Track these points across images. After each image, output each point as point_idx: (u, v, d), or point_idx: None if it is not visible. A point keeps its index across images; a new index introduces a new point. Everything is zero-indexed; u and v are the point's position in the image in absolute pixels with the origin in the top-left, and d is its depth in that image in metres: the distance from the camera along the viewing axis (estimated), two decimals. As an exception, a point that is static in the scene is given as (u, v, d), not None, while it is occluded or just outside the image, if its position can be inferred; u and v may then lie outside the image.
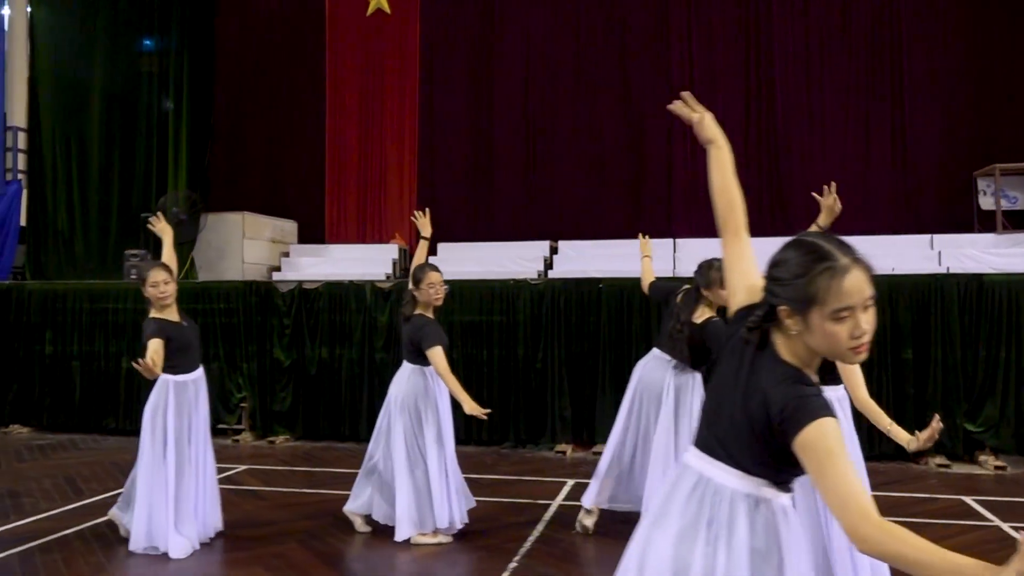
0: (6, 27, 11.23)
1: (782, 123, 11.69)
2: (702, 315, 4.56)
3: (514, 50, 12.66)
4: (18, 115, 11.35)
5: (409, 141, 13.07)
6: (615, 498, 4.89)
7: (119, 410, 8.28)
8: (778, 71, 11.70)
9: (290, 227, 12.94)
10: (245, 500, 5.20)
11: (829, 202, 3.94)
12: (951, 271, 8.86)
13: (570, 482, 6.23)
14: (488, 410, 4.47)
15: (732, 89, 11.83)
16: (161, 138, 11.89)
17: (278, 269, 12.14)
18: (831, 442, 1.61)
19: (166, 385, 4.72)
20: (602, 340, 7.37)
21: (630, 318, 7.34)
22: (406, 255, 12.44)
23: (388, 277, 11.05)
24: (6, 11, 11.23)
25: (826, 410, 1.66)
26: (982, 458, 6.67)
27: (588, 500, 4.90)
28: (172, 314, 4.71)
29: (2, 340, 8.51)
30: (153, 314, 4.72)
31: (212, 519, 4.82)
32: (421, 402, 4.80)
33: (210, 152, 12.37)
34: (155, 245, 11.25)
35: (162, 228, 5.16)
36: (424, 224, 5.35)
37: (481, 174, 12.73)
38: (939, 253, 9.96)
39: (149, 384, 7.03)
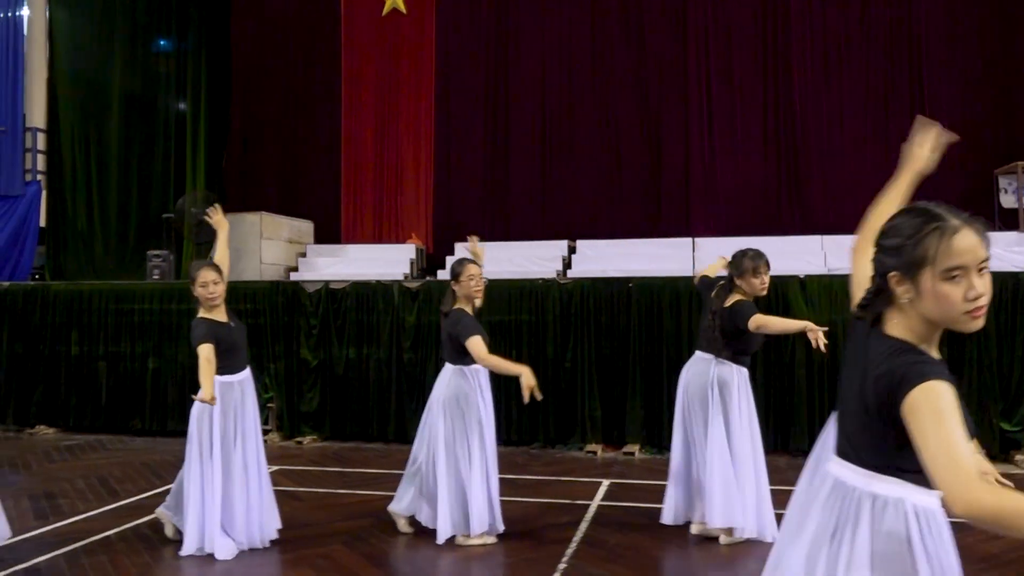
0: (25, 29, 11.19)
1: (800, 121, 11.65)
2: (732, 303, 4.61)
3: (530, 50, 12.65)
4: (37, 116, 11.33)
5: (425, 141, 13.06)
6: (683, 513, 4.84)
7: (145, 411, 8.26)
8: (796, 69, 11.67)
9: (306, 227, 12.92)
10: (282, 501, 5.16)
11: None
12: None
13: (605, 482, 6.20)
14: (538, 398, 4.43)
15: (750, 87, 11.79)
16: (179, 139, 11.92)
17: (295, 269, 12.12)
18: (942, 403, 1.53)
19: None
20: (632, 339, 7.34)
21: (660, 317, 7.31)
22: (423, 255, 12.46)
23: (406, 277, 11.04)
24: (25, 12, 11.21)
25: (938, 374, 1.59)
26: (1018, 457, 6.64)
27: (665, 519, 4.88)
28: (220, 314, 4.69)
29: (28, 341, 8.50)
30: (202, 314, 4.70)
31: (268, 524, 4.75)
32: (463, 404, 4.77)
33: (227, 152, 12.37)
34: (177, 246, 11.32)
35: (219, 221, 5.04)
36: (478, 254, 5.16)
37: (497, 173, 12.70)
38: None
39: (184, 384, 7.05)
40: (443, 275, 10.68)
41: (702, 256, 10.85)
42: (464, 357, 4.73)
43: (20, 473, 6.62)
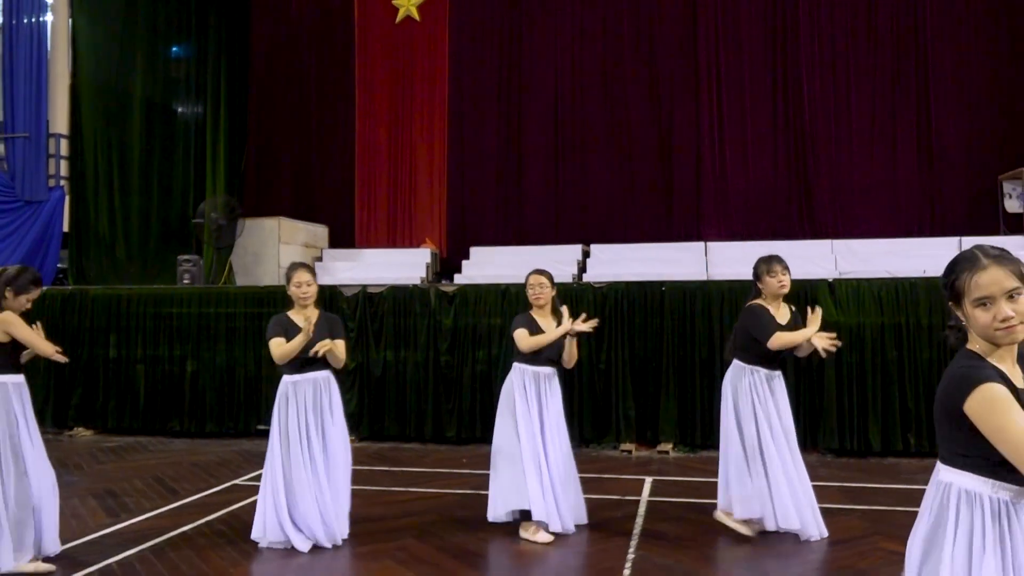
0: (48, 36, 11.33)
1: (809, 128, 11.96)
2: (749, 303, 4.95)
3: (542, 57, 12.90)
4: (60, 122, 11.45)
5: (439, 146, 13.28)
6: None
7: (183, 413, 8.42)
8: (805, 76, 11.98)
9: (321, 231, 13.12)
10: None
11: None
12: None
13: (649, 479, 6.45)
14: (594, 321, 5.01)
15: (760, 93, 12.10)
16: (199, 144, 12.08)
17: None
18: (996, 402, 1.92)
19: (286, 385, 4.92)
20: (665, 341, 7.60)
21: (692, 320, 7.57)
22: (437, 259, 12.68)
23: (422, 281, 11.24)
24: (49, 18, 11.35)
25: (988, 377, 1.96)
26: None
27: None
28: (310, 314, 4.88)
29: (66, 344, 8.56)
30: (290, 312, 4.91)
31: (340, 524, 4.90)
32: (519, 397, 5.03)
33: (245, 158, 12.54)
34: (197, 250, 11.46)
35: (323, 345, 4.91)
36: (583, 325, 5.09)
37: (510, 178, 12.94)
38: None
39: (222, 387, 7.25)
40: (459, 279, 10.91)
41: (714, 260, 11.14)
42: (518, 354, 5.05)
43: (74, 474, 6.78)
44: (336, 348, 4.86)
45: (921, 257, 9.90)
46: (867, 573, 4.29)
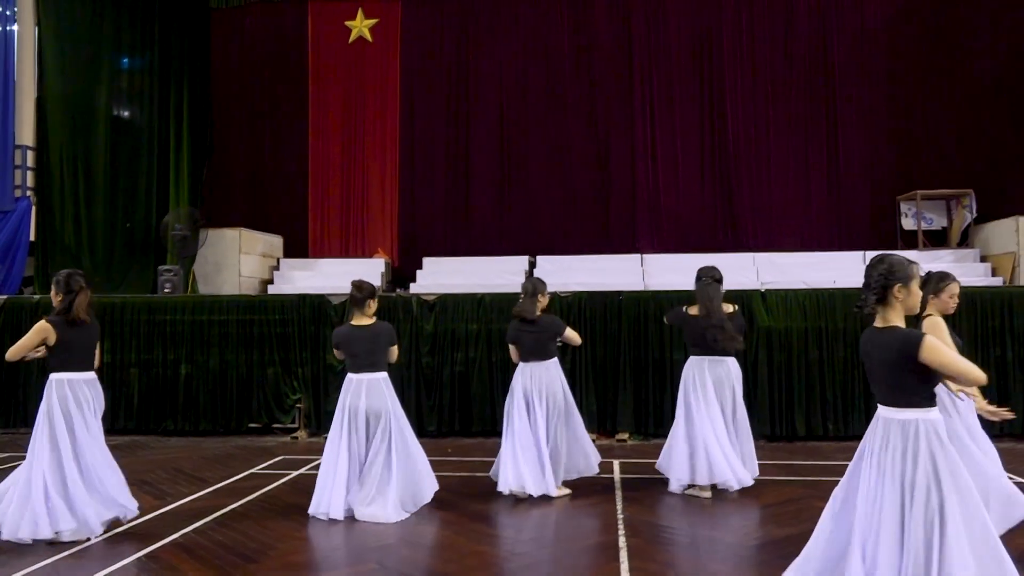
0: (15, 49, 11.80)
1: (733, 151, 13.45)
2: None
3: (489, 78, 14.03)
4: (26, 134, 11.93)
5: (390, 161, 14.24)
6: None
7: (178, 413, 9.17)
8: (729, 104, 13.48)
9: (277, 242, 13.87)
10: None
11: None
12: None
13: (616, 461, 7.63)
14: None
15: (688, 118, 13.55)
16: (162, 157, 12.64)
17: (271, 282, 13.09)
18: (939, 345, 3.22)
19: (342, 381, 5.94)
20: (622, 344, 8.80)
21: (646, 325, 8.79)
22: (390, 268, 13.61)
23: (377, 289, 12.17)
24: (15, 28, 11.81)
25: (923, 332, 3.29)
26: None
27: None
28: (364, 320, 5.82)
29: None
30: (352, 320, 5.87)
31: (417, 493, 5.93)
32: (529, 389, 6.27)
33: (207, 171, 13.19)
34: (159, 260, 12.05)
35: None
36: None
37: (459, 192, 14.02)
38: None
39: (215, 388, 8.15)
40: (415, 288, 11.90)
41: (649, 270, 12.48)
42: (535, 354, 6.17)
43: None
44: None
45: (831, 269, 11.48)
46: (807, 521, 5.54)
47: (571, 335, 6.49)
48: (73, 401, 5.35)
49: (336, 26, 14.35)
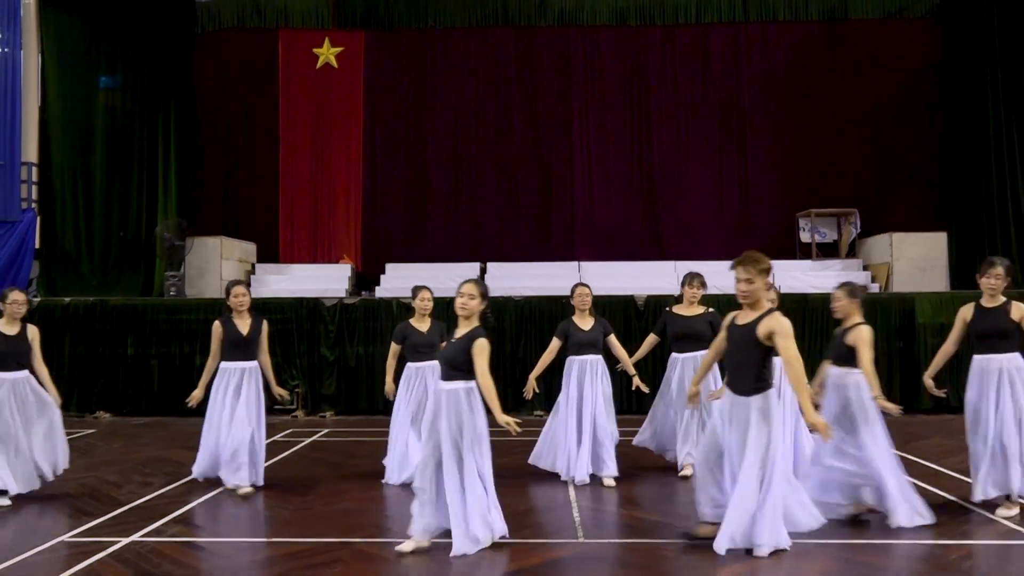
0: (21, 72, 13.56)
1: (658, 170, 15.97)
2: None
3: (444, 103, 16.28)
4: (31, 151, 13.69)
5: (354, 175, 16.34)
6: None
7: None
8: (655, 130, 16.02)
9: (251, 248, 15.81)
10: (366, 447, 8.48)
11: None
12: (782, 289, 13.26)
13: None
14: None
15: (620, 146, 16.03)
16: (151, 171, 14.45)
17: (249, 285, 14.98)
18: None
19: (407, 370, 7.35)
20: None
21: (585, 323, 11.14)
22: (355, 273, 15.72)
23: (348, 292, 14.31)
24: (21, 53, 13.54)
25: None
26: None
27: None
28: (423, 324, 7.34)
29: (88, 345, 11.18)
30: (412, 320, 7.42)
31: None
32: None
33: (192, 184, 15.08)
34: (150, 264, 13.89)
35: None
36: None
37: (417, 204, 16.23)
38: (773, 275, 14.34)
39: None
40: (379, 291, 14.05)
41: (586, 276, 14.82)
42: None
43: (144, 438, 9.50)
44: None
45: (740, 276, 14.02)
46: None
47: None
48: None
49: (304, 53, 16.36)
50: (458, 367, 5.22)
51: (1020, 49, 13.68)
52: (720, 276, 14.56)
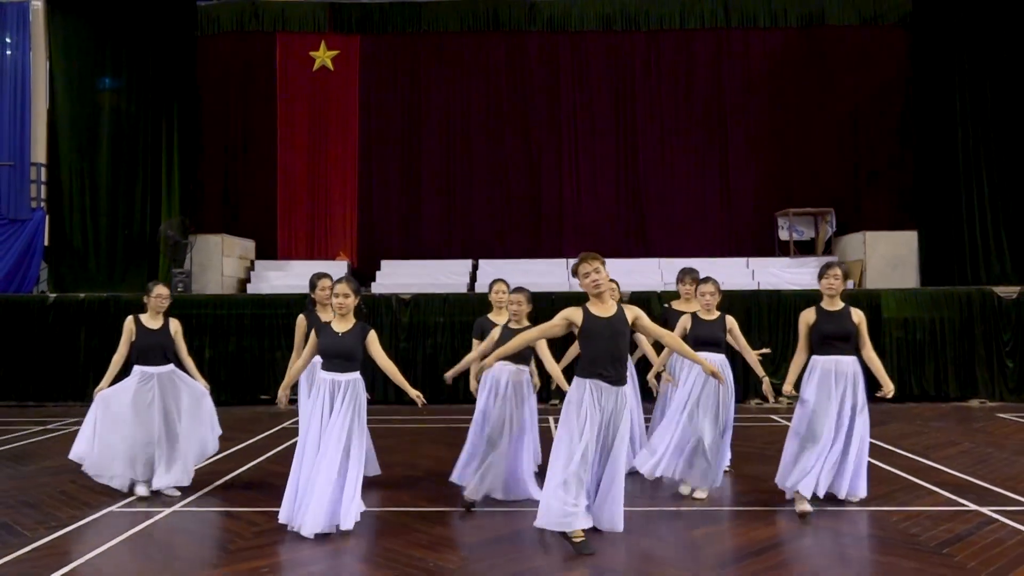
0: (30, 77, 14.28)
1: (643, 170, 16.81)
2: None
3: (437, 105, 17.06)
4: (40, 153, 14.41)
5: (350, 175, 17.11)
6: None
7: (204, 387, 11.96)
8: (640, 130, 16.84)
9: (250, 245, 16.57)
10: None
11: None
12: (761, 285, 14.19)
13: (550, 418, 10.79)
14: None
15: (607, 148, 16.85)
16: (155, 172, 15.20)
17: (248, 281, 15.81)
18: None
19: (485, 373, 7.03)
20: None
21: (574, 317, 11.99)
22: (351, 269, 16.50)
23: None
24: (31, 57, 14.27)
25: None
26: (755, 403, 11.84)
27: None
28: (501, 317, 7.37)
29: (103, 337, 11.88)
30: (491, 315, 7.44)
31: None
32: None
33: (194, 184, 15.82)
34: (154, 261, 14.63)
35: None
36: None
37: (411, 203, 17.01)
38: (752, 271, 15.32)
39: (232, 368, 10.95)
40: (375, 287, 14.84)
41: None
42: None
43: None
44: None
45: (721, 273, 14.71)
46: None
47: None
48: None
49: (301, 56, 17.10)
50: (356, 358, 5.98)
51: (986, 56, 14.59)
52: (701, 273, 15.55)
